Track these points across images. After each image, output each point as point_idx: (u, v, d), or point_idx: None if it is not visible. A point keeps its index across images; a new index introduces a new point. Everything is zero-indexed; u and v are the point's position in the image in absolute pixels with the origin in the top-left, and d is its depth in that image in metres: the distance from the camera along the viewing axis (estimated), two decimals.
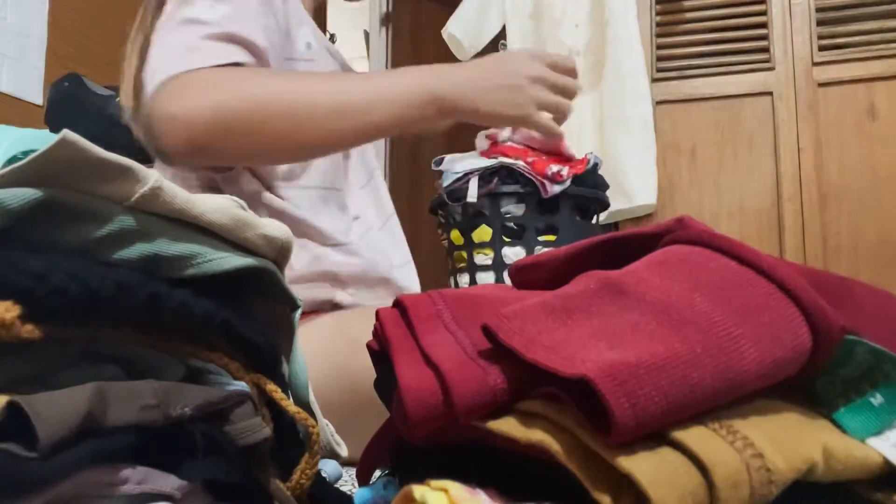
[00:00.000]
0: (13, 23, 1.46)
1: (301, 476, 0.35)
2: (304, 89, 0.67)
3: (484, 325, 0.29)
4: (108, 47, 1.68)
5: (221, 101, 0.62)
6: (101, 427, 0.26)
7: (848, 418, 0.27)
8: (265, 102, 0.64)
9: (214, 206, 0.33)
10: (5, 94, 1.46)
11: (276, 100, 0.65)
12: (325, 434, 0.42)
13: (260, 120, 0.64)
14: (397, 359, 0.31)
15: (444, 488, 0.24)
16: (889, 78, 2.12)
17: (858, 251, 2.09)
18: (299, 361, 0.40)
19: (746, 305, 0.27)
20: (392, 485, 0.37)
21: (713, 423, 0.24)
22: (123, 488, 0.26)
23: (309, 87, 0.68)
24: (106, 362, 0.30)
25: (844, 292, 0.31)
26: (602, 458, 0.23)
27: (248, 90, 0.64)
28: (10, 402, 0.24)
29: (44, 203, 0.28)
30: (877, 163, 2.11)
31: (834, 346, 0.27)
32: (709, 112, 2.22)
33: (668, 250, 0.31)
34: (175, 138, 0.62)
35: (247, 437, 0.31)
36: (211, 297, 0.32)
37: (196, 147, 0.62)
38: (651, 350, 0.25)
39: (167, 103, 0.62)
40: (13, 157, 1.04)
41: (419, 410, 0.28)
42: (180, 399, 0.29)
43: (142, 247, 0.30)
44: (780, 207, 2.15)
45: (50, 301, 0.26)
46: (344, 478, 0.56)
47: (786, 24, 2.20)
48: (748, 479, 0.22)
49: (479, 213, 1.17)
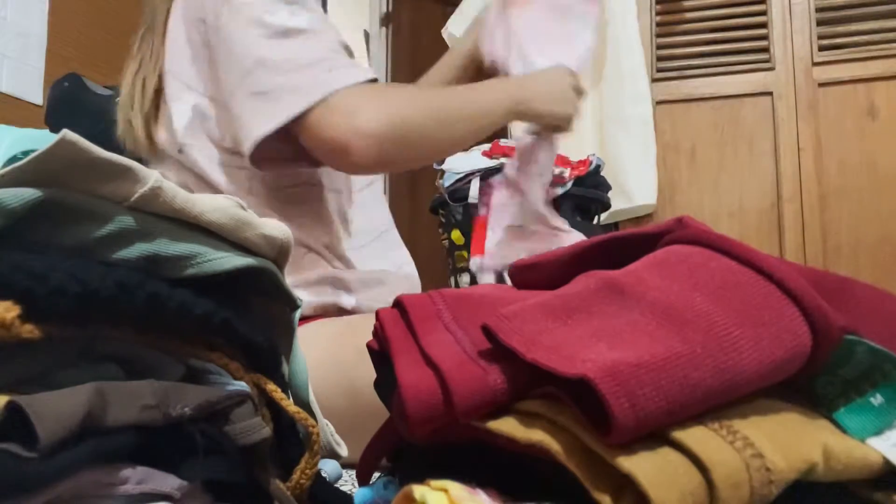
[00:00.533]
0: (13, 23, 1.46)
1: (301, 476, 0.35)
2: (443, 101, 0.79)
3: (484, 325, 0.29)
4: (108, 47, 1.68)
5: (401, 117, 0.72)
6: (101, 427, 0.26)
7: (848, 418, 0.27)
8: (426, 117, 0.75)
9: (214, 206, 0.33)
10: (5, 94, 1.45)
11: (432, 114, 0.76)
12: (325, 434, 0.42)
13: (426, 132, 0.75)
14: (397, 359, 0.31)
15: (444, 488, 0.24)
16: (889, 78, 2.12)
17: (858, 251, 2.10)
18: (299, 361, 0.40)
19: (746, 305, 0.27)
20: (392, 485, 0.37)
21: (713, 423, 0.24)
22: (123, 488, 0.26)
23: (445, 99, 0.80)
24: (106, 362, 0.30)
25: (844, 292, 0.31)
26: (602, 458, 0.23)
27: (414, 106, 0.75)
28: (10, 402, 0.24)
29: (44, 203, 0.28)
30: (877, 163, 2.11)
31: (834, 346, 0.27)
32: (709, 112, 2.22)
33: (668, 250, 0.31)
34: (367, 155, 0.70)
35: (247, 437, 0.31)
36: (211, 297, 0.32)
37: (385, 160, 0.72)
38: (651, 350, 0.25)
39: (349, 121, 0.69)
40: (13, 157, 1.05)
41: (419, 410, 0.28)
42: (180, 399, 0.29)
43: (142, 247, 0.30)
44: (780, 207, 2.15)
45: (50, 301, 0.26)
46: (344, 478, 0.56)
47: (786, 24, 2.20)
48: (748, 478, 0.22)
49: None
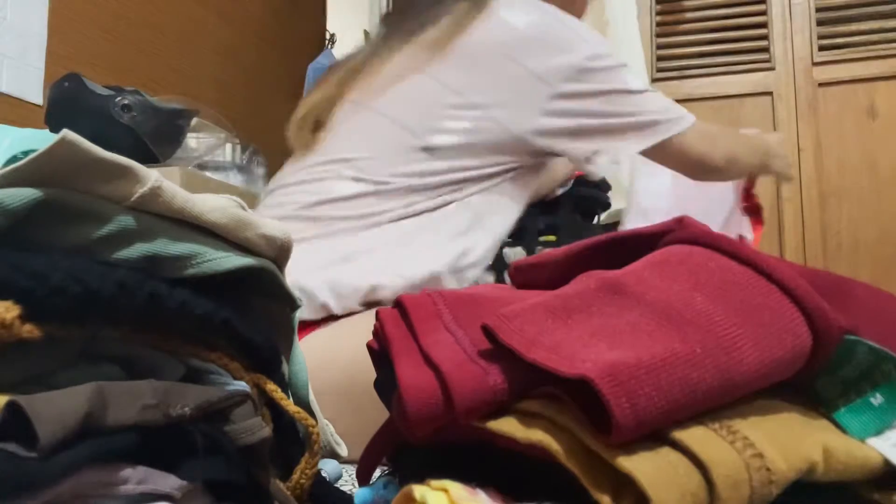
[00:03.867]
0: (13, 23, 1.46)
1: (301, 476, 0.35)
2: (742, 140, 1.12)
3: (484, 325, 0.29)
4: (109, 47, 1.68)
5: (730, 147, 1.07)
6: (101, 427, 0.26)
7: (848, 418, 0.27)
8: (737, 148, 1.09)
9: (214, 206, 0.33)
10: (5, 94, 1.45)
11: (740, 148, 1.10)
12: (325, 434, 0.42)
13: (738, 158, 1.09)
14: (397, 359, 0.31)
15: (444, 488, 0.24)
16: (889, 78, 2.12)
17: (858, 251, 2.10)
18: (299, 361, 0.40)
19: (746, 305, 0.27)
20: (392, 485, 0.37)
21: (713, 423, 0.24)
22: (123, 488, 0.26)
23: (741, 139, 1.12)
24: (106, 362, 0.30)
25: (844, 292, 0.31)
26: (602, 458, 0.23)
27: (732, 141, 1.09)
28: (10, 402, 0.24)
29: (44, 203, 0.28)
30: (877, 163, 2.11)
31: (834, 346, 0.27)
32: (709, 112, 2.22)
33: (668, 250, 0.31)
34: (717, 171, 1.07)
35: (247, 437, 0.31)
36: (211, 297, 0.32)
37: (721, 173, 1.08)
38: (651, 350, 0.25)
39: (706, 146, 1.04)
40: (13, 157, 1.04)
41: (419, 410, 0.28)
42: (180, 399, 0.28)
43: (142, 247, 0.30)
44: (780, 207, 2.15)
45: (50, 301, 0.26)
46: (344, 478, 0.56)
47: (786, 24, 2.20)
48: (748, 478, 0.22)
49: None
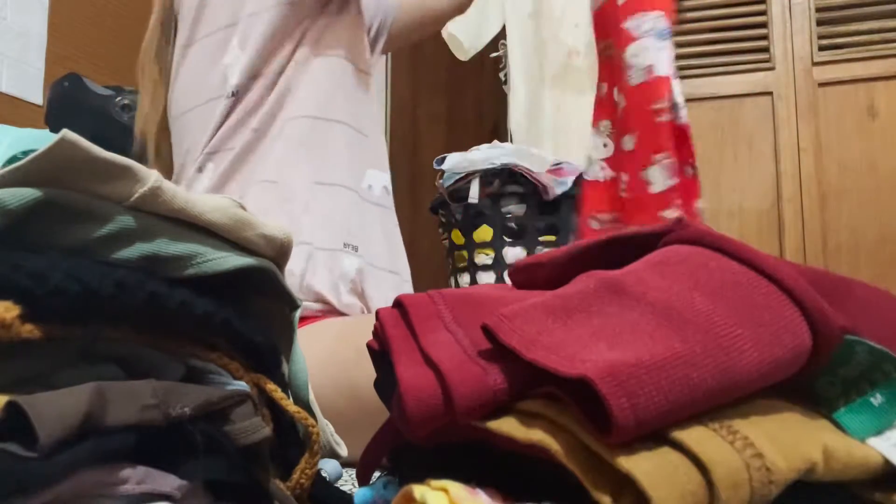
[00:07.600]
0: (13, 23, 1.46)
1: (301, 476, 0.35)
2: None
3: (484, 325, 0.29)
4: (109, 47, 1.68)
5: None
6: (101, 427, 0.26)
7: (848, 418, 0.27)
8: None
9: (214, 206, 0.33)
10: (5, 94, 1.45)
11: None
12: (325, 434, 0.42)
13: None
14: (397, 359, 0.31)
15: (444, 488, 0.24)
16: (889, 78, 2.12)
17: (858, 251, 2.09)
18: (299, 361, 0.40)
19: (746, 305, 0.27)
20: (392, 485, 0.37)
21: (713, 423, 0.24)
22: (123, 488, 0.26)
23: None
24: (106, 362, 0.30)
25: (844, 292, 0.31)
26: (602, 458, 0.23)
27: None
28: (10, 402, 0.24)
29: (44, 203, 0.28)
30: (877, 163, 2.11)
31: (834, 346, 0.27)
32: (709, 112, 2.22)
33: (668, 250, 0.31)
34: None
35: (247, 437, 0.31)
36: (211, 297, 0.32)
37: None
38: (651, 350, 0.25)
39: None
40: (13, 157, 1.04)
41: (419, 410, 0.28)
42: (180, 399, 0.29)
43: (141, 247, 0.30)
44: (780, 207, 2.14)
45: (50, 301, 0.26)
46: (344, 478, 0.56)
47: (786, 24, 2.20)
48: (748, 478, 0.22)
49: (480, 213, 1.17)
